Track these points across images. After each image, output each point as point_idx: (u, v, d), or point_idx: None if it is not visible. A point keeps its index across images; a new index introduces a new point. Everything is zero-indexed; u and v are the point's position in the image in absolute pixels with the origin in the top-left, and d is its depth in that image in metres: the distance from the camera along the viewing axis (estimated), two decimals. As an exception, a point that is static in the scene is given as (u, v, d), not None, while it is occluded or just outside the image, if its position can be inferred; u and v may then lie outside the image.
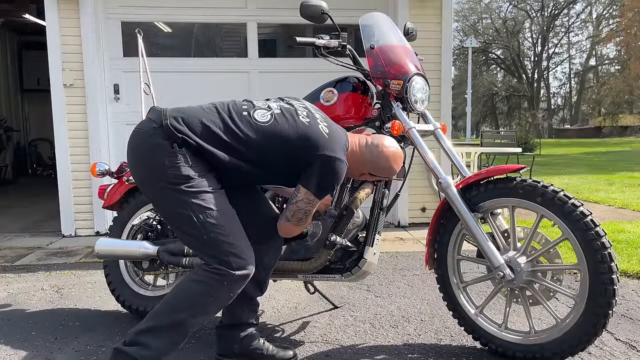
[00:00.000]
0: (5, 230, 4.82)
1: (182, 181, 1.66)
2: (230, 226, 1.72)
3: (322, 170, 1.75)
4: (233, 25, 4.95)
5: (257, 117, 1.76)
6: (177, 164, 1.66)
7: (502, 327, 2.04)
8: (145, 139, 1.72)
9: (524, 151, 10.97)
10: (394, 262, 3.54)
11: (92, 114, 4.37)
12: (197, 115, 1.73)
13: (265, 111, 1.79)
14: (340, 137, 1.84)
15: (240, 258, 1.69)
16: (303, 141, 1.75)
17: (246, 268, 1.70)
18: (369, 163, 1.94)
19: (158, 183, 1.70)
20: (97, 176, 2.55)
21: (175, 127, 1.68)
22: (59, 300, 2.86)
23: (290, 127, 1.76)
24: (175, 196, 1.67)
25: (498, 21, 38.23)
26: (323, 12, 2.07)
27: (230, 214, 1.75)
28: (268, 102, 1.85)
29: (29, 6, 7.11)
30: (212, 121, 1.72)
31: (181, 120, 1.70)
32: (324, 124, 1.81)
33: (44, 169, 9.94)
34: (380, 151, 1.92)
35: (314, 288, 2.48)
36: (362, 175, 2.00)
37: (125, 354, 1.64)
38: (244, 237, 1.76)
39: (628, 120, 36.30)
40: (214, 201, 1.70)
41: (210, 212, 1.68)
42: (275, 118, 1.77)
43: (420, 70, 2.15)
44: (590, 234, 1.77)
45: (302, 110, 1.83)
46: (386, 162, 1.94)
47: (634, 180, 8.47)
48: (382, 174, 1.98)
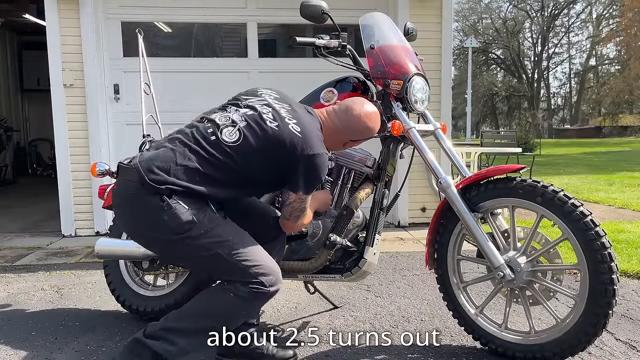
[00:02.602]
0: (5, 230, 4.82)
1: (187, 228, 1.65)
2: (250, 248, 1.74)
3: (305, 170, 1.74)
4: (233, 25, 4.95)
5: (225, 139, 1.70)
6: (175, 214, 1.63)
7: (502, 327, 2.04)
8: (133, 202, 1.69)
9: (524, 151, 10.97)
10: (394, 262, 3.54)
11: (92, 114, 4.37)
12: (170, 157, 1.68)
13: (232, 128, 1.73)
14: (312, 126, 1.80)
15: (270, 275, 1.73)
16: (278, 149, 1.71)
17: (277, 284, 1.75)
18: (344, 131, 1.91)
19: (164, 237, 1.68)
20: (97, 176, 2.55)
21: (156, 181, 1.63)
22: (59, 300, 2.86)
23: (261, 139, 1.71)
24: (187, 243, 1.67)
25: (498, 21, 38.23)
26: (323, 12, 2.07)
27: (244, 236, 1.77)
28: (230, 114, 1.78)
29: (29, 6, 7.11)
30: (186, 158, 1.68)
31: (158, 170, 1.65)
32: (292, 121, 1.76)
33: (44, 169, 9.93)
34: (350, 115, 1.90)
35: (314, 288, 2.48)
36: (345, 144, 1.97)
37: (146, 346, 1.68)
38: (264, 252, 1.79)
39: (628, 120, 36.30)
40: (226, 231, 1.72)
41: (227, 243, 1.69)
42: (244, 134, 1.71)
43: (420, 70, 2.15)
44: (590, 234, 1.77)
45: (267, 112, 1.76)
46: (359, 123, 1.90)
47: (634, 180, 8.47)
48: (362, 136, 1.95)
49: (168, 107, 3.76)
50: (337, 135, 1.92)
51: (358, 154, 2.21)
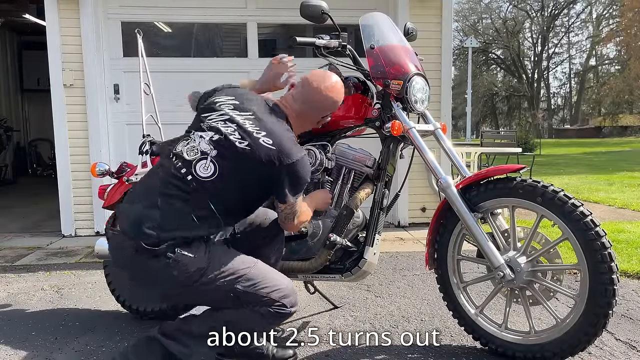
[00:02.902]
0: (5, 230, 4.82)
1: (198, 275, 1.65)
2: (264, 274, 1.76)
3: (289, 180, 1.71)
4: (233, 25, 4.95)
5: (201, 174, 1.65)
6: (183, 266, 1.62)
7: (502, 327, 2.04)
8: (136, 267, 1.67)
9: (524, 151, 10.97)
10: (394, 262, 3.53)
11: (92, 114, 4.38)
12: (156, 212, 1.62)
13: (204, 161, 1.67)
14: (281, 131, 1.73)
15: (290, 297, 1.77)
16: (256, 168, 1.68)
17: (296, 303, 1.80)
18: (309, 112, 1.86)
19: (179, 290, 1.68)
20: (97, 176, 2.55)
21: (153, 243, 1.59)
22: (59, 300, 2.86)
23: (236, 164, 1.67)
24: (202, 289, 1.68)
25: (498, 21, 38.21)
26: (323, 12, 2.07)
27: (258, 264, 1.78)
28: (196, 144, 1.70)
29: (29, 6, 7.11)
30: (173, 208, 1.63)
31: (149, 230, 1.60)
32: (261, 134, 1.68)
33: (44, 169, 9.93)
34: (309, 94, 1.84)
35: (314, 288, 2.48)
36: (319, 123, 1.93)
37: (161, 345, 1.71)
38: (278, 274, 1.81)
39: (628, 120, 36.29)
40: (236, 263, 1.72)
41: (243, 276, 1.71)
42: (217, 164, 1.66)
43: (420, 70, 2.15)
44: (590, 234, 1.77)
45: (232, 132, 1.69)
46: (322, 99, 1.85)
47: (634, 180, 8.46)
48: (329, 110, 1.89)
49: (168, 107, 3.75)
50: (307, 119, 1.88)
51: (358, 154, 2.20)
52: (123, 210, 1.70)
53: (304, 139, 2.28)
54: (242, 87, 1.97)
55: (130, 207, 1.69)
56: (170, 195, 1.65)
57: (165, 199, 1.64)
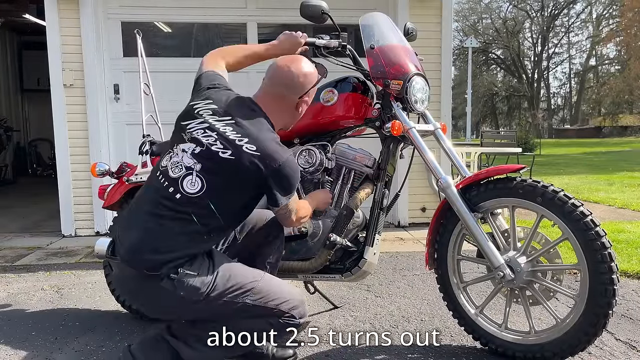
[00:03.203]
0: (5, 230, 4.82)
1: (206, 291, 1.64)
2: (272, 286, 1.76)
3: (278, 183, 1.68)
4: (233, 25, 4.95)
5: (190, 191, 1.62)
6: (190, 286, 1.61)
7: (502, 327, 2.04)
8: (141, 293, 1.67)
9: (524, 151, 10.98)
10: (394, 262, 3.53)
11: (92, 114, 4.38)
12: (154, 236, 1.60)
13: (190, 177, 1.63)
14: (264, 135, 1.68)
15: (299, 308, 1.78)
16: (244, 177, 1.64)
17: (305, 314, 1.82)
18: (282, 96, 1.78)
19: (189, 308, 1.67)
20: (97, 176, 2.55)
21: (155, 268, 1.58)
22: (59, 300, 2.86)
23: (222, 176, 1.63)
24: (212, 306, 1.67)
25: (498, 21, 38.23)
26: (323, 12, 2.07)
27: (265, 276, 1.78)
28: (180, 159, 1.66)
29: (29, 6, 7.12)
30: (168, 229, 1.61)
31: (150, 255, 1.59)
32: (244, 141, 1.63)
33: (44, 169, 9.94)
34: (275, 75, 1.78)
35: (314, 288, 2.48)
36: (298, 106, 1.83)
37: (169, 345, 1.72)
38: (287, 285, 1.81)
39: (628, 120, 36.32)
40: (245, 279, 1.71)
41: (251, 290, 1.70)
42: (204, 179, 1.63)
43: (420, 70, 2.15)
44: (590, 234, 1.77)
45: (213, 141, 1.64)
46: (288, 75, 1.77)
47: (634, 180, 8.47)
48: (300, 89, 1.79)
49: (168, 107, 3.73)
50: (284, 109, 1.80)
51: (358, 154, 2.20)
52: (119, 238, 1.67)
53: (304, 139, 2.28)
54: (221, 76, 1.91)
55: (125, 233, 1.66)
56: (162, 216, 1.62)
57: (159, 220, 1.62)
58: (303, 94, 1.81)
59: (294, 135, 2.28)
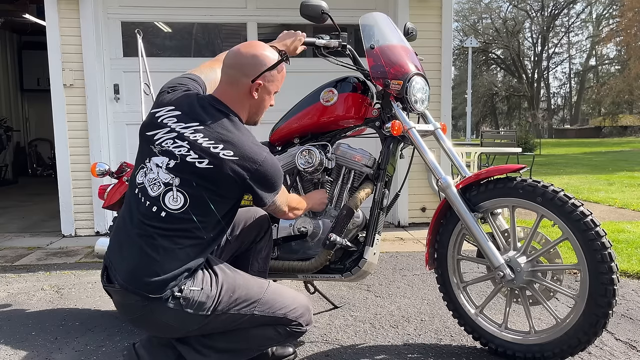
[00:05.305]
0: (5, 230, 4.82)
1: (211, 305, 1.64)
2: (277, 295, 1.76)
3: (261, 184, 1.64)
4: (233, 25, 4.95)
5: (173, 207, 1.58)
6: (196, 302, 1.61)
7: (502, 327, 2.04)
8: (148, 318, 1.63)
9: (524, 151, 10.98)
10: (394, 262, 3.54)
11: (92, 114, 4.38)
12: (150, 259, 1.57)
13: (170, 193, 1.58)
14: (238, 136, 1.62)
15: (306, 315, 1.79)
16: (225, 183, 1.60)
17: (312, 321, 1.85)
18: (240, 81, 1.69)
19: (197, 325, 1.67)
20: (97, 176, 2.55)
21: (157, 291, 1.56)
22: (59, 300, 2.86)
23: (203, 186, 1.59)
24: (220, 319, 1.68)
25: (498, 21, 38.26)
26: (323, 12, 2.07)
27: (270, 285, 1.78)
28: (155, 175, 1.61)
29: (29, 6, 7.12)
30: (162, 249, 1.57)
31: (150, 279, 1.56)
32: (219, 147, 1.58)
33: (44, 169, 9.94)
34: (229, 61, 1.71)
35: (314, 288, 2.48)
36: (258, 89, 1.72)
37: (175, 349, 1.74)
38: (292, 292, 1.82)
39: (628, 120, 36.34)
40: (251, 290, 1.72)
41: (258, 301, 1.71)
42: (185, 193, 1.59)
43: (420, 70, 2.15)
44: (590, 234, 1.77)
45: (186, 151, 1.58)
46: (239, 55, 1.70)
47: (634, 180, 8.47)
48: (256, 68, 1.69)
49: (168, 107, 3.76)
50: (240, 92, 1.70)
51: (358, 154, 2.21)
52: (113, 264, 1.63)
53: (304, 139, 2.29)
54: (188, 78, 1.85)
55: (119, 260, 1.62)
56: (152, 236, 1.58)
57: (151, 241, 1.57)
58: (256, 77, 1.69)
59: (294, 135, 2.29)
